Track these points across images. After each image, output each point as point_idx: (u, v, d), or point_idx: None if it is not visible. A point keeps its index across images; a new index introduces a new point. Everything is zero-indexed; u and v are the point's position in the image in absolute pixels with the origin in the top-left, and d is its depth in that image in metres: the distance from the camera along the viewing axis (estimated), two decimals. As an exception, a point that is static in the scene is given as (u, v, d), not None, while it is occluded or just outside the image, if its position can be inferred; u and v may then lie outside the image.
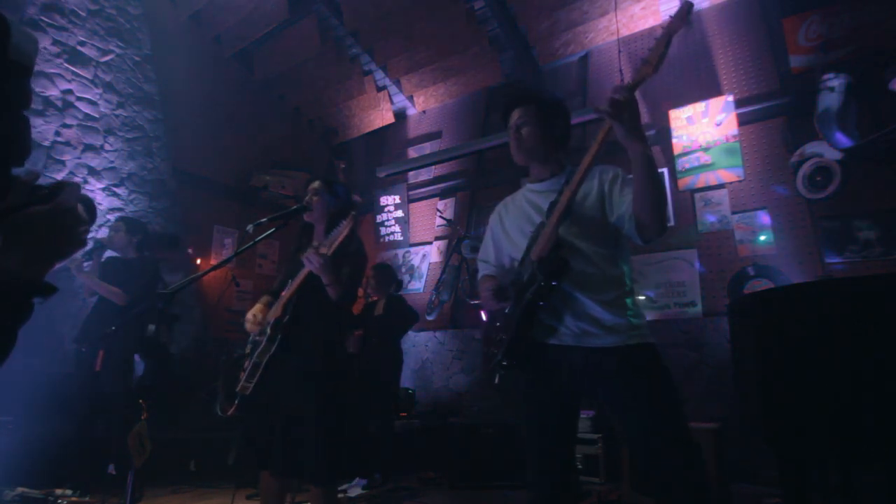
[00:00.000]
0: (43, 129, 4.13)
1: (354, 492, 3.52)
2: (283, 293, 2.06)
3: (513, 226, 1.69)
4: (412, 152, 6.56)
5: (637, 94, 1.35)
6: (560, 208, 1.46)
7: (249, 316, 2.13)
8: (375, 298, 4.25)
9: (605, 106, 1.32)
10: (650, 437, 1.38)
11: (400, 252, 6.34)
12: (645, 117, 4.89)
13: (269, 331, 2.02)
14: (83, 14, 4.52)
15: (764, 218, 4.14)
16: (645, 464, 1.41)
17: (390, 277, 4.24)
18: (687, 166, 4.50)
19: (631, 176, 1.42)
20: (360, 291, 4.27)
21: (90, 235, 4.32)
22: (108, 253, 3.57)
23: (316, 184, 2.21)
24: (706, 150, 4.44)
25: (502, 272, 1.72)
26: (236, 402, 1.98)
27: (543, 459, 1.51)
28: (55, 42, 4.27)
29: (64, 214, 0.68)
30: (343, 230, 1.92)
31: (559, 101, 1.70)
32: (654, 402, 1.39)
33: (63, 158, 4.24)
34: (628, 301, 1.49)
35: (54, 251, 0.68)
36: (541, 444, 1.52)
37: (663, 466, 1.35)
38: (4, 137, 0.70)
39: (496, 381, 1.53)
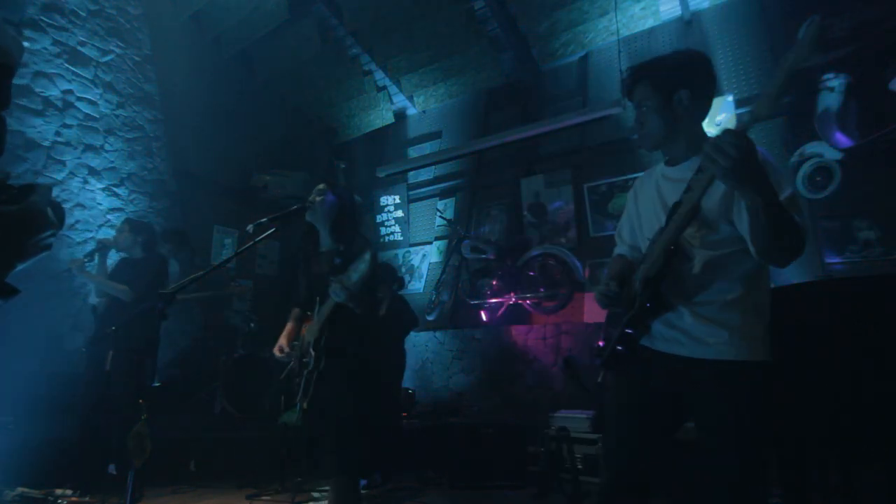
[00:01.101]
0: (43, 129, 4.13)
1: (354, 492, 3.52)
2: (314, 317, 2.14)
3: (645, 212, 1.51)
4: (412, 152, 6.56)
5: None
6: (679, 220, 1.28)
7: (283, 341, 2.25)
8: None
9: (707, 149, 1.10)
10: (713, 473, 1.28)
11: (400, 252, 6.34)
12: (645, 117, 4.89)
13: (312, 352, 2.11)
14: (83, 14, 4.52)
15: (764, 218, 4.13)
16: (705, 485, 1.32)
17: (391, 276, 4.22)
18: (687, 166, 4.50)
19: None
20: None
21: (91, 235, 4.33)
22: (114, 255, 3.59)
23: (321, 186, 2.23)
24: (706, 150, 4.44)
25: (636, 254, 1.56)
26: (298, 413, 2.08)
27: (610, 462, 1.45)
28: (55, 42, 4.27)
29: (32, 217, 0.66)
30: (363, 266, 1.96)
31: (687, 63, 1.41)
32: (727, 437, 1.26)
33: (63, 158, 4.24)
34: (735, 310, 1.30)
35: (18, 252, 0.66)
36: (611, 446, 1.46)
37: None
38: None
39: (599, 380, 1.48)
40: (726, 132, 1.09)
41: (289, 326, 2.29)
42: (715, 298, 1.30)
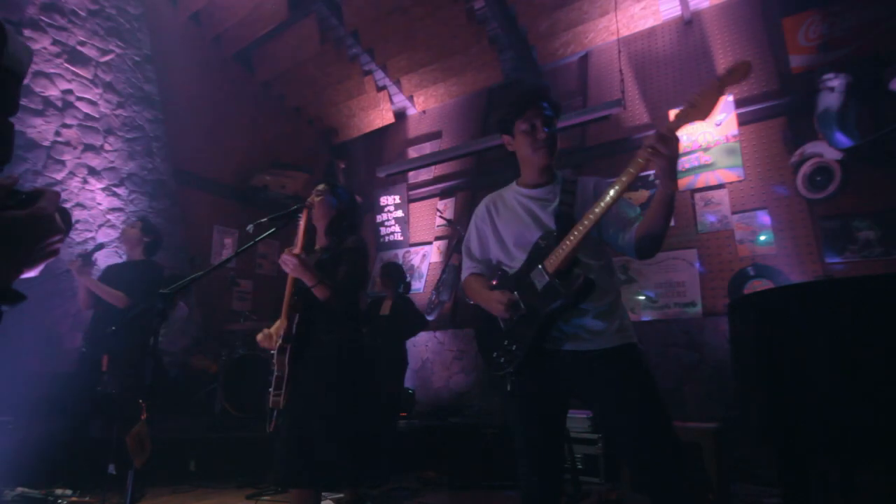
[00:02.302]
0: (43, 129, 4.12)
1: (354, 492, 3.52)
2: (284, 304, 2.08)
3: (506, 229, 1.67)
4: (412, 152, 6.56)
5: (638, 95, 1.37)
6: (586, 228, 1.43)
7: (259, 336, 2.16)
8: (382, 296, 4.24)
9: (651, 142, 1.34)
10: (640, 437, 1.41)
11: (400, 252, 6.34)
12: (644, 117, 4.89)
13: (279, 342, 2.04)
14: (83, 14, 4.52)
15: (764, 218, 4.14)
16: (635, 464, 1.45)
17: (398, 277, 4.21)
18: (687, 166, 4.50)
19: (629, 198, 1.51)
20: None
21: (91, 235, 4.33)
22: (102, 261, 3.58)
23: (321, 186, 2.22)
24: (706, 150, 4.44)
25: (488, 269, 1.73)
26: (273, 417, 2.00)
27: (537, 458, 1.55)
28: (55, 42, 4.26)
29: (39, 222, 0.65)
30: (300, 224, 1.96)
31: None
32: (644, 401, 1.43)
33: (63, 158, 4.24)
34: (617, 306, 1.56)
35: (25, 259, 0.65)
36: (536, 442, 1.55)
37: (656, 468, 1.39)
38: None
39: (509, 387, 1.55)
40: (667, 130, 1.33)
41: (279, 322, 2.25)
42: (606, 298, 1.53)
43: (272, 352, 2.08)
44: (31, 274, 0.68)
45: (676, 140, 1.34)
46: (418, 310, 4.22)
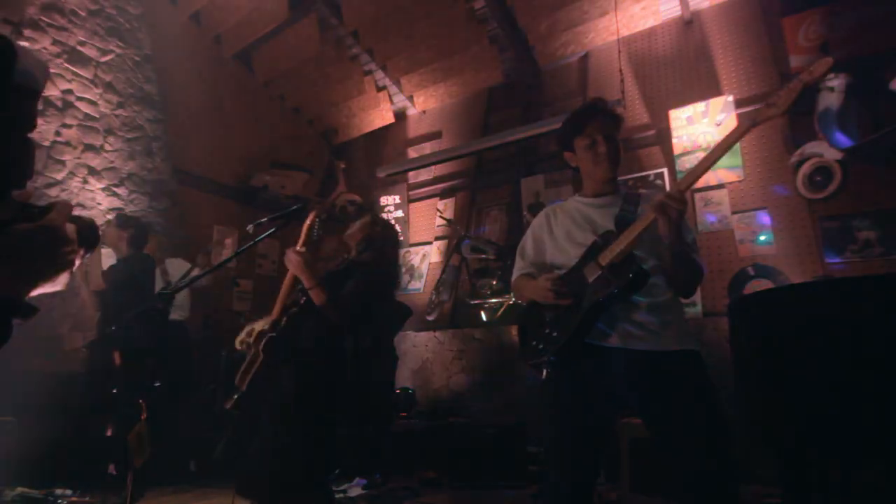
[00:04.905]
0: (43, 129, 4.12)
1: (354, 492, 3.52)
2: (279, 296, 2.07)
3: (562, 232, 1.68)
4: (412, 152, 6.56)
5: (638, 95, 1.38)
6: (641, 226, 1.44)
7: (242, 336, 2.15)
8: None
9: (661, 199, 1.40)
10: (686, 451, 1.35)
11: (400, 252, 6.33)
12: (644, 117, 4.89)
13: (264, 327, 2.04)
14: (83, 14, 4.52)
15: (764, 218, 4.14)
16: (685, 478, 1.38)
17: None
18: (687, 166, 4.50)
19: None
20: None
21: (90, 235, 4.32)
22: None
23: (367, 218, 2.22)
24: (706, 150, 4.43)
25: (541, 271, 1.70)
26: (235, 396, 1.99)
27: (566, 461, 1.46)
28: (55, 42, 4.26)
29: (48, 233, 0.65)
30: (306, 220, 1.94)
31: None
32: (693, 413, 1.37)
33: (63, 158, 4.24)
34: (674, 306, 1.53)
35: (37, 271, 0.65)
36: (567, 442, 1.47)
37: (699, 484, 1.34)
38: (4, 160, 0.67)
39: (544, 375, 1.53)
40: (676, 192, 1.40)
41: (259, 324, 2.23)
42: (663, 295, 1.51)
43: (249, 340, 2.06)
44: (56, 288, 0.68)
45: (685, 202, 1.39)
46: (398, 303, 4.23)
